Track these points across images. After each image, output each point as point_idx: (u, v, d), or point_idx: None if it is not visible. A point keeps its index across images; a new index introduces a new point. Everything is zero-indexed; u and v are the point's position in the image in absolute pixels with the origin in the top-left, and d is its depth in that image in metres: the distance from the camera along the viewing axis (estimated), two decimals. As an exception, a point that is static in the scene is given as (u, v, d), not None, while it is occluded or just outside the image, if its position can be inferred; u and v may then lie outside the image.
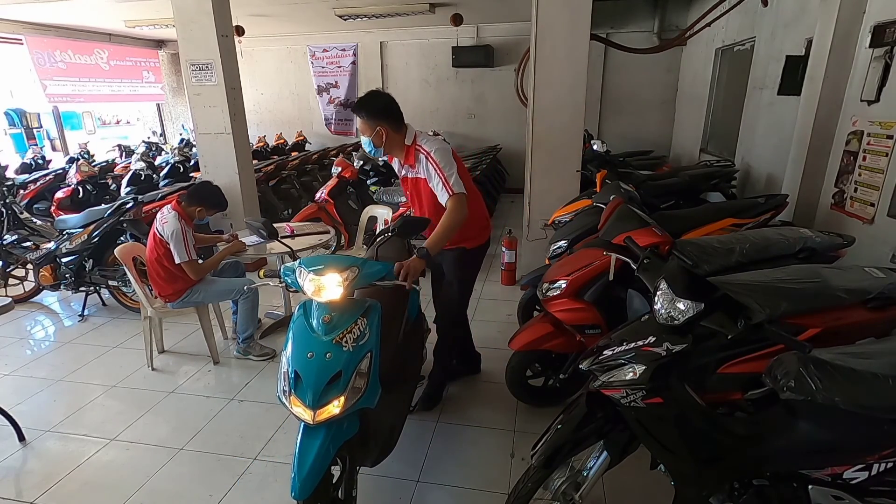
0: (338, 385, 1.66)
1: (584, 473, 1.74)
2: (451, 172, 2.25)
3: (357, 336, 1.74)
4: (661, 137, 8.11)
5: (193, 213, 3.16)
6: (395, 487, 2.24)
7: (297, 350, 1.72)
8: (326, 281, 1.74)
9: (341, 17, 7.21)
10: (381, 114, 2.32)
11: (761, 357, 1.65)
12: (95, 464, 2.46)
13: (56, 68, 7.81)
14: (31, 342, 3.81)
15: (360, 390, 1.70)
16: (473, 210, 2.41)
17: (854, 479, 1.35)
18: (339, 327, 1.73)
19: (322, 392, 1.64)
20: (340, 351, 1.69)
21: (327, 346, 1.69)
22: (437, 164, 2.26)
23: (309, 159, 7.59)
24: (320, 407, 1.63)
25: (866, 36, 3.05)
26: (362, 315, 1.80)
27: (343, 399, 1.65)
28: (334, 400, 1.65)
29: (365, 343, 1.76)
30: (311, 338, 1.73)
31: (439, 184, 2.26)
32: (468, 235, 2.45)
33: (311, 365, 1.67)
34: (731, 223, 3.05)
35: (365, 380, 1.72)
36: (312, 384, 1.64)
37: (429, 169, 2.30)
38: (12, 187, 5.60)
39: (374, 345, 1.79)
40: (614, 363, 1.56)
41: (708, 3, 5.46)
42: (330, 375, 1.66)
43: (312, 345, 1.71)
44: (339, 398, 1.65)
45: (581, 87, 3.89)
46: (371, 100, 2.34)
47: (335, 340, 1.71)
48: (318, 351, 1.69)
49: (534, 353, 2.64)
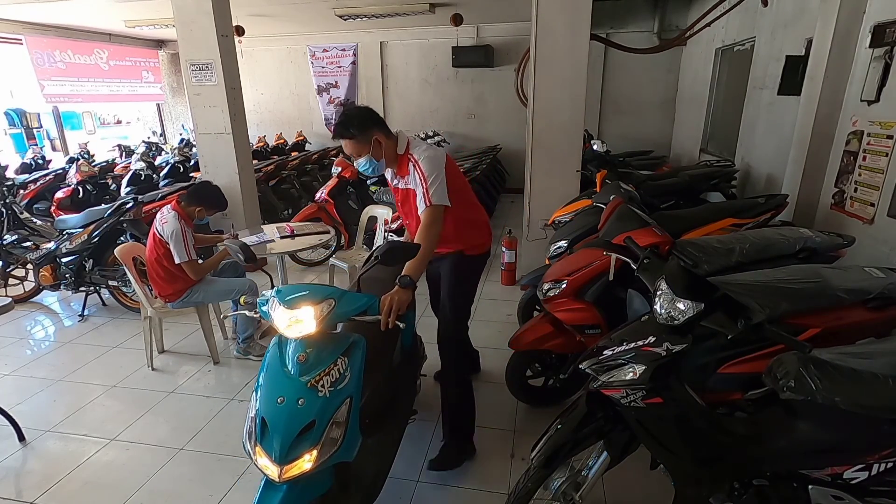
0: (310, 436, 1.45)
1: (584, 473, 1.74)
2: (436, 181, 2.04)
3: (336, 379, 1.53)
4: (661, 137, 8.11)
5: (193, 213, 3.16)
6: (395, 487, 2.24)
7: (267, 393, 1.51)
8: (299, 314, 1.54)
9: (341, 17, 7.21)
10: (370, 122, 2.10)
11: (761, 357, 1.65)
12: (95, 464, 2.46)
13: (55, 68, 7.81)
14: (31, 342, 3.81)
15: (335, 442, 1.49)
16: (474, 218, 2.34)
17: (854, 479, 1.35)
18: (316, 368, 1.53)
19: (292, 444, 1.43)
20: (315, 396, 1.48)
21: (300, 391, 1.49)
22: (423, 173, 2.06)
23: (309, 159, 7.59)
24: (289, 462, 1.42)
25: (866, 36, 3.05)
26: (343, 354, 1.60)
27: (316, 452, 1.45)
28: (306, 454, 1.44)
29: (344, 387, 1.54)
30: (284, 379, 1.53)
31: (421, 193, 2.06)
32: (469, 241, 2.32)
33: (280, 412, 1.46)
34: (731, 223, 3.05)
35: (342, 430, 1.51)
36: (281, 435, 1.43)
37: (416, 178, 2.10)
38: (12, 187, 5.60)
39: (354, 389, 1.58)
40: (614, 363, 1.56)
41: (708, 3, 5.46)
42: (302, 425, 1.44)
43: (284, 388, 1.50)
44: (312, 451, 1.44)
45: (581, 88, 3.89)
46: (353, 115, 2.11)
47: (310, 384, 1.50)
48: (290, 395, 1.48)
49: (534, 353, 2.65)
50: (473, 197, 2.40)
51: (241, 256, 2.42)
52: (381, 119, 2.15)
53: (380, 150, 2.12)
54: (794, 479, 1.43)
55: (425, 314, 3.94)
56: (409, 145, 2.17)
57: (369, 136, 2.08)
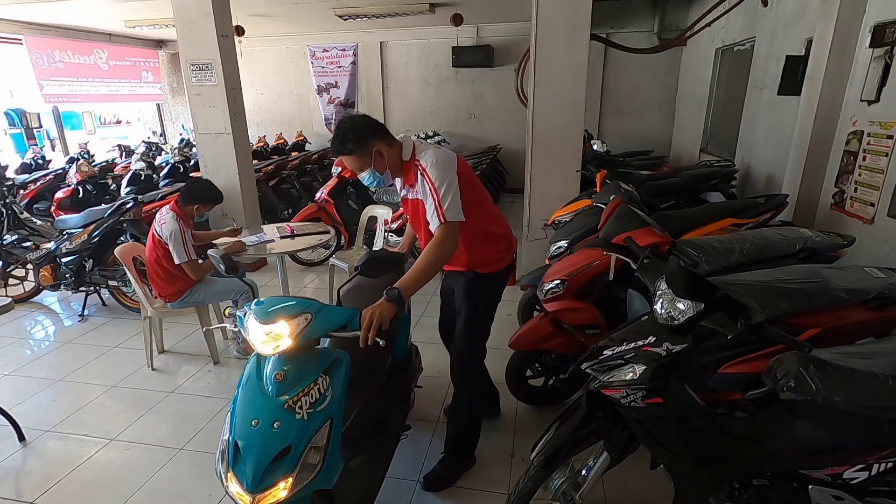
0: (286, 462, 1.35)
1: (584, 473, 1.74)
2: (448, 192, 1.82)
3: (315, 399, 1.43)
4: (661, 137, 8.11)
5: (191, 212, 3.15)
6: (395, 487, 2.24)
7: (241, 414, 1.42)
8: (275, 329, 1.45)
9: (341, 17, 7.21)
10: (367, 133, 1.89)
11: (761, 357, 1.65)
12: (95, 464, 2.46)
13: (54, 68, 7.81)
14: (31, 342, 3.81)
15: (313, 468, 1.39)
16: (490, 231, 2.09)
17: (854, 479, 1.35)
18: (295, 387, 1.43)
19: (265, 471, 1.34)
20: (292, 419, 1.38)
21: (276, 413, 1.39)
22: (433, 183, 1.83)
23: (309, 159, 7.60)
24: (262, 490, 1.33)
25: (866, 36, 3.05)
26: (325, 372, 1.49)
27: (291, 480, 1.35)
28: (281, 481, 1.34)
29: (324, 409, 1.44)
30: (259, 399, 1.43)
31: (431, 207, 1.84)
32: (482, 258, 2.07)
33: (254, 436, 1.37)
34: (731, 223, 3.05)
35: (321, 455, 1.41)
36: (254, 461, 1.34)
37: (424, 188, 1.87)
38: (12, 187, 5.59)
39: (336, 411, 1.48)
40: (614, 363, 1.56)
41: (708, 3, 5.46)
42: (277, 450, 1.35)
43: (259, 408, 1.41)
44: (287, 479, 1.35)
45: (581, 87, 3.89)
46: (348, 128, 1.89)
47: (287, 405, 1.39)
48: (265, 418, 1.38)
49: (534, 353, 2.65)
50: (491, 205, 2.14)
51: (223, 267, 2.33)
52: (380, 127, 1.94)
53: (382, 162, 1.91)
54: (794, 479, 1.43)
55: (425, 314, 3.95)
56: (414, 151, 1.94)
57: (369, 148, 1.88)
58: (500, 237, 2.14)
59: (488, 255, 2.09)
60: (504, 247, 2.15)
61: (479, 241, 2.04)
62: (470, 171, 2.04)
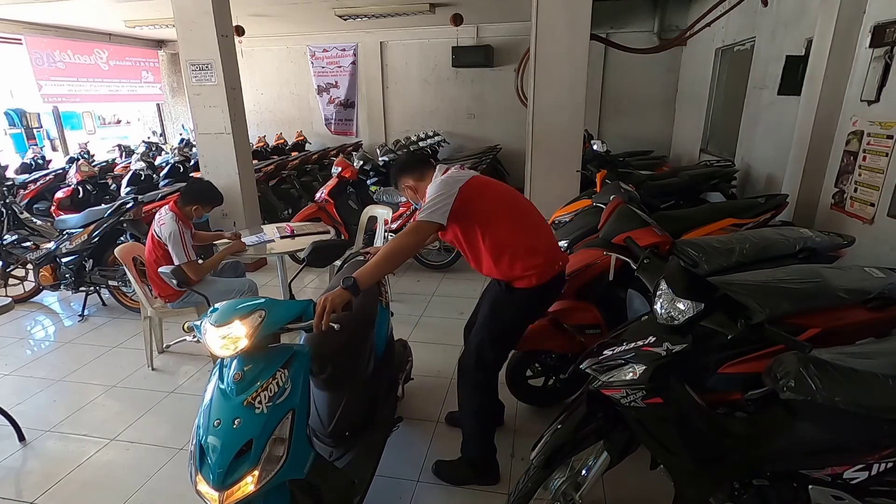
0: (249, 457, 1.38)
1: (584, 473, 1.74)
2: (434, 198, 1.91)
3: (274, 393, 1.45)
4: (661, 137, 8.11)
5: (190, 212, 3.15)
6: (395, 487, 2.24)
7: (205, 417, 1.44)
8: (230, 331, 1.46)
9: (341, 17, 7.21)
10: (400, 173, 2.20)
11: (761, 357, 1.65)
12: (95, 464, 2.46)
13: (54, 68, 7.81)
14: (31, 342, 3.81)
15: (279, 459, 1.42)
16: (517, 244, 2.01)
17: (854, 479, 1.35)
18: (253, 385, 1.45)
19: (229, 468, 1.35)
20: (252, 415, 1.41)
21: (236, 411, 1.41)
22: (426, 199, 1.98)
23: (309, 159, 7.59)
24: (229, 486, 1.35)
25: (866, 36, 3.05)
26: (283, 366, 1.51)
27: (257, 473, 1.37)
28: (247, 475, 1.37)
29: (284, 401, 1.46)
30: (221, 401, 1.45)
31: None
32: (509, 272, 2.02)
33: (215, 435, 1.39)
34: (731, 223, 3.05)
35: (285, 446, 1.44)
36: (217, 459, 1.36)
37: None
38: (12, 187, 5.60)
39: (297, 401, 1.50)
40: (614, 363, 1.56)
41: (708, 3, 5.46)
42: (238, 447, 1.37)
43: (221, 410, 1.43)
44: (253, 472, 1.37)
45: (581, 87, 3.89)
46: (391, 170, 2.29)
47: (246, 402, 1.42)
48: (226, 417, 1.41)
49: (534, 353, 2.64)
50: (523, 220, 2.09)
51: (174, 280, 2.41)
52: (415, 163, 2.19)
53: (414, 195, 2.18)
54: (794, 479, 1.43)
55: (425, 314, 3.95)
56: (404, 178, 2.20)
57: (400, 184, 2.20)
58: (532, 252, 2.02)
59: (514, 270, 2.02)
60: (536, 262, 2.01)
61: (504, 254, 2.01)
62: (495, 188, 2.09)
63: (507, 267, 2.02)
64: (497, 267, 2.03)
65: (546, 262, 2.04)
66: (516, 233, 2.04)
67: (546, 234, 2.16)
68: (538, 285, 2.03)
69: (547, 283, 2.04)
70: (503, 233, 2.01)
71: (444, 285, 4.54)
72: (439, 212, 1.89)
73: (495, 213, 2.01)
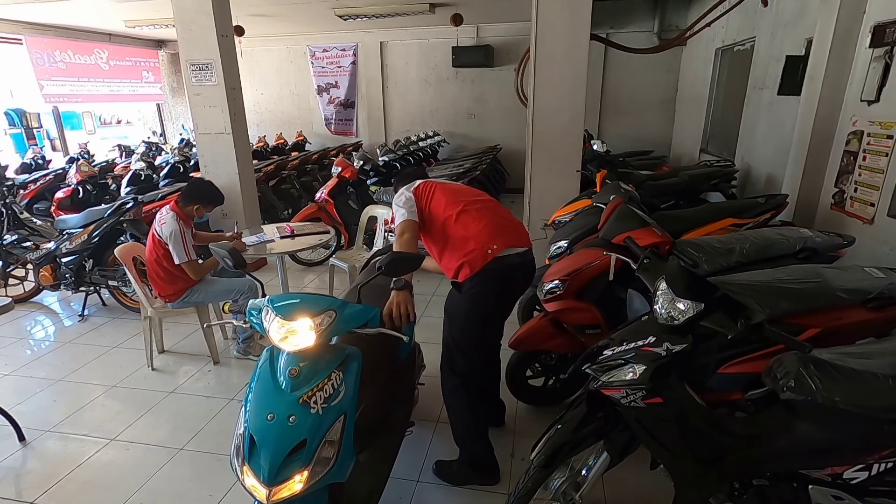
0: (301, 456, 1.37)
1: (584, 473, 1.74)
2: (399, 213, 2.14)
3: (329, 395, 1.45)
4: (661, 137, 8.11)
5: (191, 212, 3.15)
6: (395, 487, 2.24)
7: (256, 408, 1.44)
8: (297, 326, 1.47)
9: (341, 17, 7.21)
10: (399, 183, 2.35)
11: (761, 357, 1.65)
12: (95, 464, 2.46)
13: (55, 68, 7.82)
14: (31, 342, 3.81)
15: (328, 462, 1.41)
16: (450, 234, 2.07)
17: (854, 479, 1.35)
18: (309, 383, 1.45)
19: (281, 465, 1.35)
20: (307, 413, 1.40)
21: (292, 407, 1.40)
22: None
23: (309, 159, 7.60)
24: (278, 483, 1.34)
25: (866, 36, 3.05)
26: (338, 368, 1.51)
27: (307, 473, 1.36)
28: (296, 474, 1.36)
29: (338, 404, 1.46)
30: (274, 394, 1.45)
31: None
32: (448, 265, 2.11)
33: (270, 429, 1.38)
34: (731, 223, 3.05)
35: (335, 449, 1.42)
36: (270, 454, 1.35)
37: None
38: (12, 187, 5.59)
39: (349, 405, 1.49)
40: (614, 363, 1.56)
41: (708, 3, 5.46)
42: (292, 444, 1.37)
43: (274, 403, 1.42)
44: (303, 472, 1.36)
45: (581, 88, 3.89)
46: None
47: (302, 400, 1.41)
48: (281, 412, 1.40)
49: (534, 353, 2.64)
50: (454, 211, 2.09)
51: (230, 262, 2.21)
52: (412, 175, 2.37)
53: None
54: (794, 479, 1.43)
55: (425, 314, 3.95)
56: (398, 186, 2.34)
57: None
58: (463, 241, 2.02)
59: (451, 263, 2.07)
60: (468, 249, 2.00)
61: (445, 249, 2.12)
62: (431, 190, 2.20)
63: (448, 262, 2.11)
64: (443, 264, 2.16)
65: (478, 248, 1.99)
66: (449, 226, 2.08)
67: (485, 221, 2.06)
68: (473, 274, 1.99)
69: (483, 270, 1.97)
70: (438, 228, 2.12)
71: (444, 285, 4.50)
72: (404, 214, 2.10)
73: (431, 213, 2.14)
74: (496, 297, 2.08)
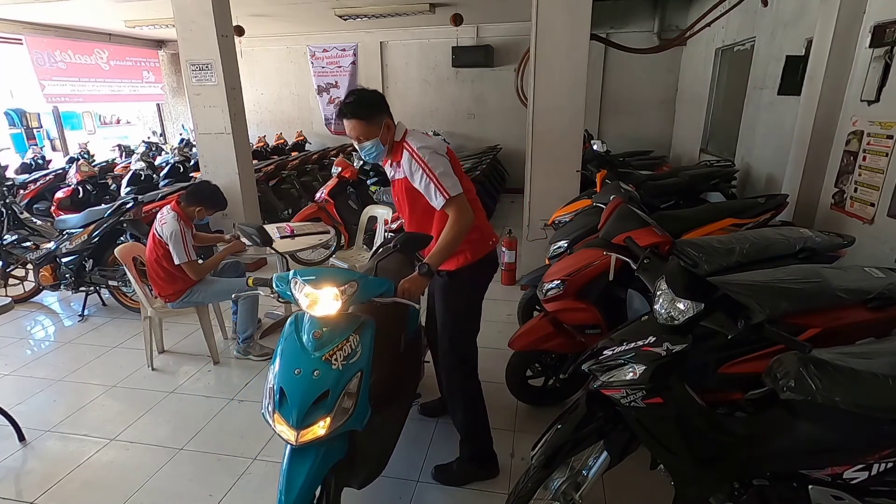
0: (324, 405, 1.58)
1: (584, 473, 1.74)
2: (444, 172, 1.93)
3: (348, 354, 1.66)
4: (661, 137, 8.11)
5: (193, 213, 3.15)
6: (395, 487, 2.24)
7: (284, 366, 1.64)
8: (323, 294, 1.66)
9: (341, 17, 7.21)
10: (383, 105, 1.99)
11: (761, 357, 1.65)
12: (95, 464, 2.46)
13: (55, 68, 7.81)
14: (31, 342, 3.81)
15: (347, 411, 1.62)
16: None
17: (854, 479, 1.35)
18: (330, 344, 1.65)
19: (307, 412, 1.56)
20: (329, 369, 1.61)
21: (316, 364, 1.61)
22: (425, 163, 1.93)
23: (309, 159, 7.60)
24: (305, 427, 1.55)
25: (866, 36, 3.05)
26: (355, 332, 1.71)
27: (329, 420, 1.57)
28: (320, 420, 1.56)
29: (356, 362, 1.67)
30: (300, 353, 1.65)
31: (430, 186, 1.93)
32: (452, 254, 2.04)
33: (297, 382, 1.59)
34: (731, 223, 3.05)
35: (353, 400, 1.64)
36: (298, 403, 1.56)
37: (412, 167, 1.96)
38: (12, 187, 5.60)
39: (365, 364, 1.70)
40: (614, 363, 1.56)
41: (708, 3, 5.46)
42: (317, 394, 1.57)
43: (300, 361, 1.63)
44: (325, 419, 1.57)
45: (581, 88, 3.89)
46: (367, 95, 1.99)
47: (324, 358, 1.62)
48: (306, 368, 1.61)
49: (534, 353, 2.65)
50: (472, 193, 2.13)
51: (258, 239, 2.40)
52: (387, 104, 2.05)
53: (388, 135, 2.00)
54: (794, 479, 1.43)
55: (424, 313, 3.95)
56: (405, 134, 2.04)
57: (380, 119, 1.97)
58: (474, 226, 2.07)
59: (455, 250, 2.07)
60: (473, 237, 2.05)
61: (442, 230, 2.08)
62: (456, 160, 2.08)
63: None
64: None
65: (481, 238, 2.11)
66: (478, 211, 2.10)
67: (482, 213, 2.15)
68: (473, 262, 2.08)
69: (482, 259, 2.11)
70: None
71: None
72: (456, 182, 1.96)
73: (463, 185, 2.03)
74: (486, 286, 2.24)
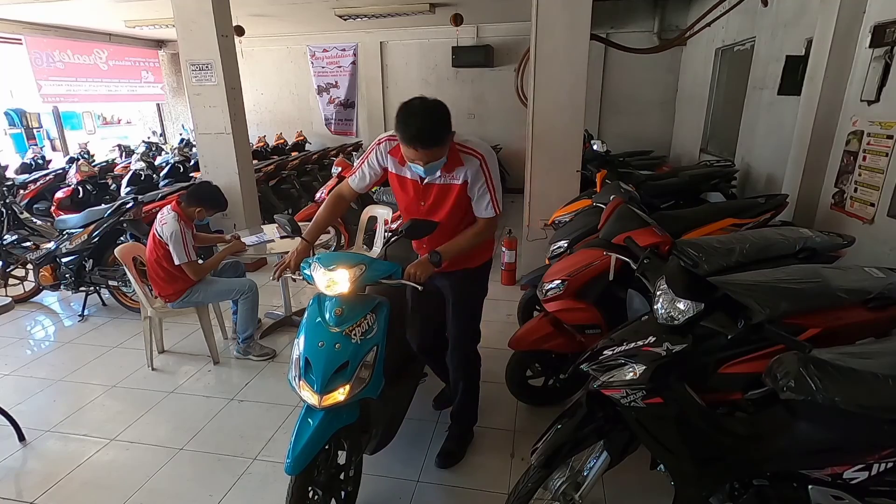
0: (344, 374, 1.77)
1: (584, 473, 1.74)
2: (499, 187, 2.01)
3: (365, 330, 1.85)
4: (661, 137, 8.11)
5: (193, 213, 3.16)
6: (395, 487, 2.24)
7: (309, 339, 1.84)
8: (336, 276, 1.84)
9: (341, 17, 7.21)
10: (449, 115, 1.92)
11: (761, 357, 1.65)
12: (95, 464, 2.46)
13: (53, 68, 7.81)
14: (31, 342, 3.81)
15: (364, 380, 1.81)
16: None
17: (854, 479, 1.35)
18: (349, 320, 1.84)
19: (329, 379, 1.75)
20: (349, 342, 1.80)
21: (337, 337, 1.80)
22: (491, 176, 1.97)
23: (309, 159, 7.59)
24: (327, 393, 1.74)
25: (866, 36, 3.05)
26: (372, 311, 1.90)
27: (348, 387, 1.76)
28: (340, 388, 1.75)
29: (372, 337, 1.86)
30: (323, 328, 1.84)
31: (486, 197, 1.97)
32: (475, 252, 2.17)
33: (320, 353, 1.78)
34: (731, 223, 3.05)
35: (370, 371, 1.83)
36: (321, 371, 1.75)
37: (476, 175, 1.94)
38: (12, 187, 5.60)
39: (380, 339, 1.88)
40: (614, 363, 1.56)
41: (708, 3, 5.46)
42: (338, 364, 1.76)
43: (323, 335, 1.82)
44: (345, 386, 1.76)
45: (581, 88, 3.89)
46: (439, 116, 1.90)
47: (345, 332, 1.81)
48: (328, 341, 1.80)
49: (534, 353, 2.65)
50: None
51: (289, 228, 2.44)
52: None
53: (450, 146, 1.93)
54: (794, 479, 1.43)
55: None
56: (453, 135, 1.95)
57: (448, 137, 1.91)
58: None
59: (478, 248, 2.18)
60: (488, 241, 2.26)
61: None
62: None
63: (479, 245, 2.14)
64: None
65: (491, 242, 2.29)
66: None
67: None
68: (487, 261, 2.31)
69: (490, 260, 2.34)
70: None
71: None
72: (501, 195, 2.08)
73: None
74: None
